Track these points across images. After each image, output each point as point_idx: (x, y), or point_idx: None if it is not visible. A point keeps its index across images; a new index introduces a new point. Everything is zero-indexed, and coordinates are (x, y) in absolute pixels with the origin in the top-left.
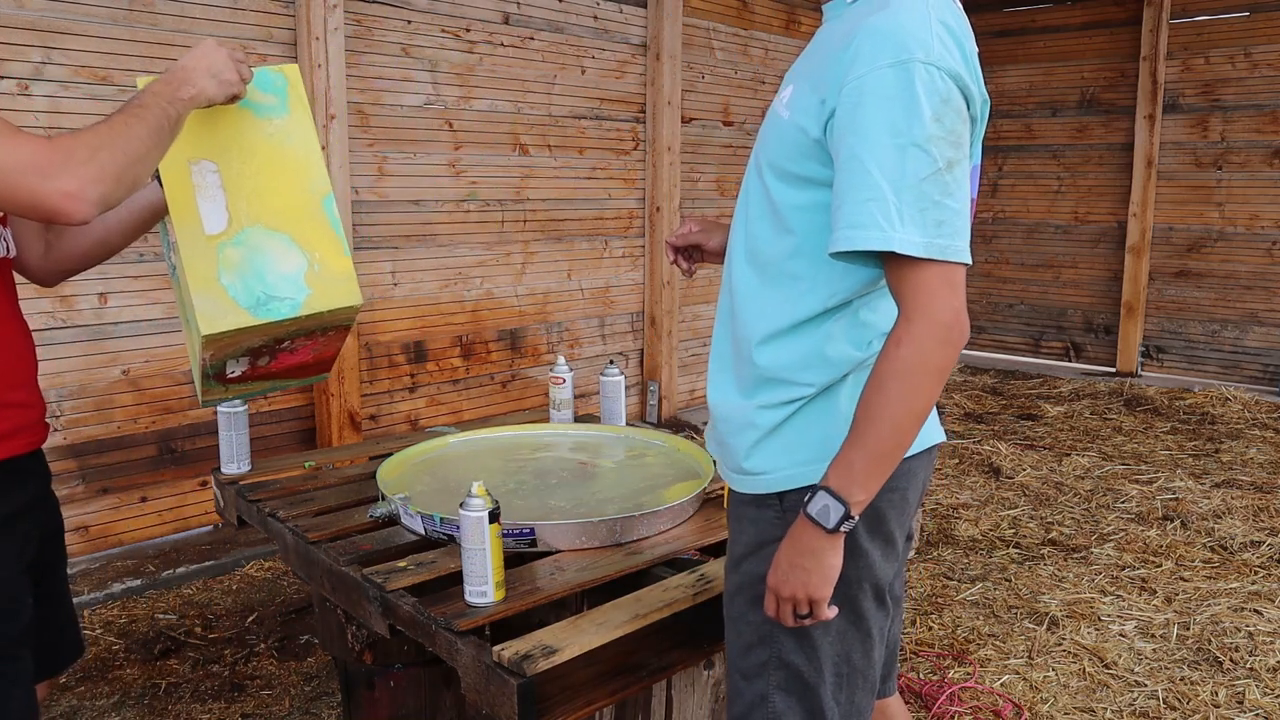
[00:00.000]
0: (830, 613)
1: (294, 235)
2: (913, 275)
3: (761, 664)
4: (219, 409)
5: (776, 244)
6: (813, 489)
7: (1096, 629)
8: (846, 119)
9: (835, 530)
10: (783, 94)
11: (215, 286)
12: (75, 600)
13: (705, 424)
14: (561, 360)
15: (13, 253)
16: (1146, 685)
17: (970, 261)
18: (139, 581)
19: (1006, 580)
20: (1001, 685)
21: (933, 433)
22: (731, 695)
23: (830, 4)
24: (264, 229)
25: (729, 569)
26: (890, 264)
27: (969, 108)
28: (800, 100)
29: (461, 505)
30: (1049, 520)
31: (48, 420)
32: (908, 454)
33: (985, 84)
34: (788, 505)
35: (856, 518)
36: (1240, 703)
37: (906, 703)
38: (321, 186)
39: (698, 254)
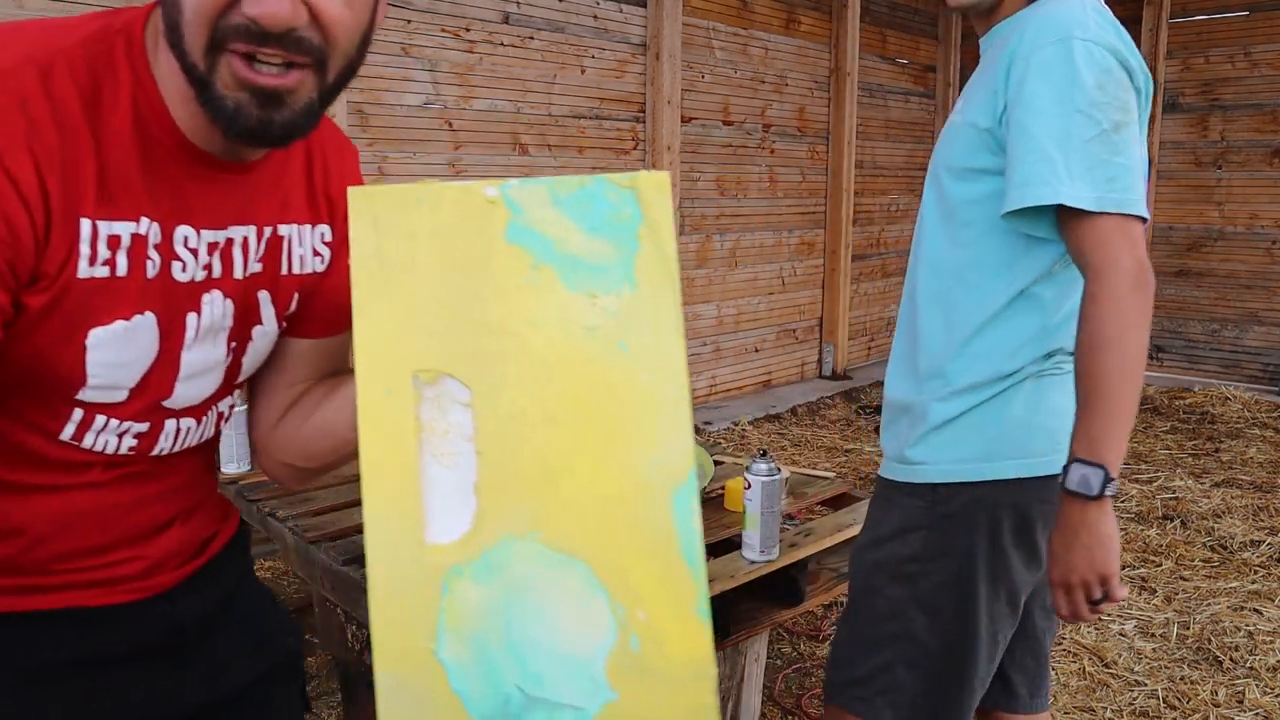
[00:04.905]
0: (1124, 591)
1: (599, 565)
2: (1091, 231)
3: (892, 635)
4: None
5: (955, 241)
6: (1064, 468)
7: (1096, 628)
8: (1014, 96)
9: (1101, 495)
10: (956, 107)
11: (425, 664)
12: None
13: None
14: None
15: (207, 435)
16: (1146, 685)
17: (1147, 216)
18: None
19: None
20: None
21: None
22: (849, 658)
23: (984, 38)
24: (543, 545)
25: (865, 546)
26: (1067, 224)
27: (1131, 80)
28: (970, 107)
29: None
30: None
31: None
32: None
33: None
34: (938, 498)
35: (1116, 479)
36: (1240, 702)
37: None
38: (677, 456)
39: None
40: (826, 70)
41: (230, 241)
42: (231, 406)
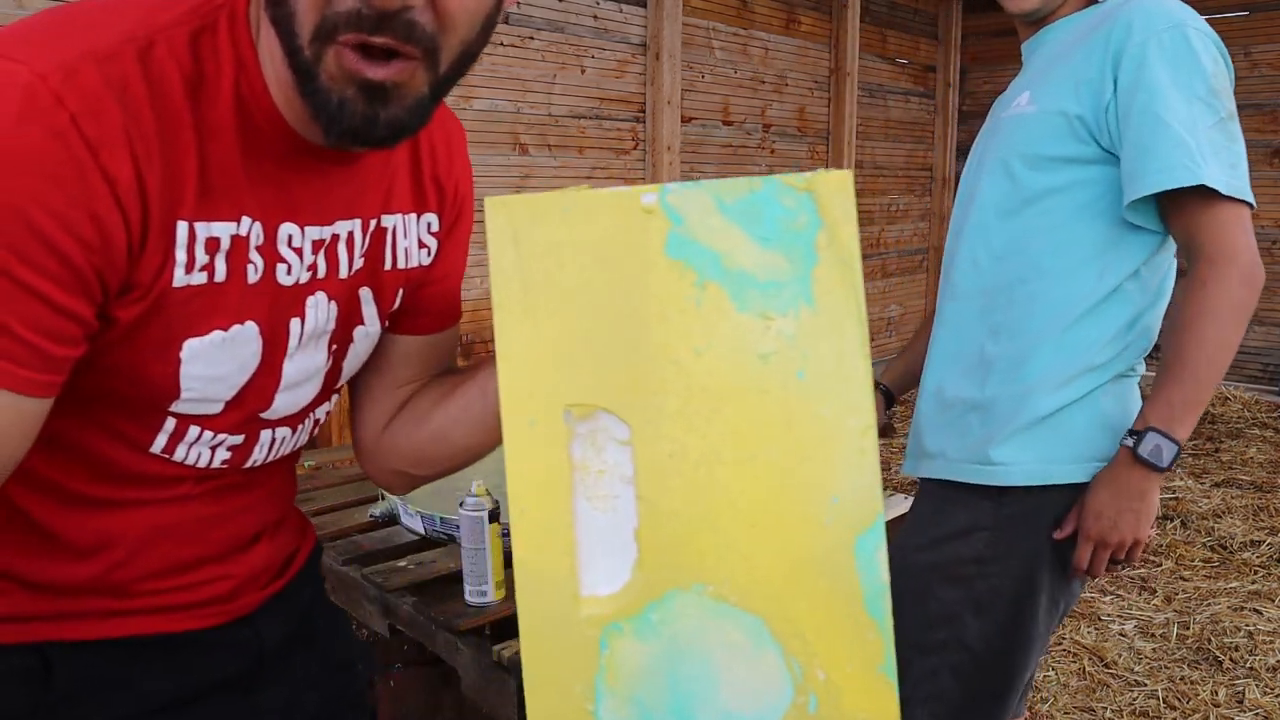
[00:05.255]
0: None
1: (773, 619)
2: (1211, 217)
3: (941, 642)
4: None
5: (1029, 229)
6: (1136, 433)
7: (1096, 628)
8: (1132, 81)
9: (1167, 469)
10: (1018, 101)
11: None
12: None
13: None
14: None
15: (300, 443)
16: (1146, 685)
17: (1255, 205)
18: None
19: None
20: None
21: None
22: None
23: (1029, 41)
24: (711, 599)
25: (917, 548)
26: (1187, 208)
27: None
28: (1048, 95)
29: (461, 505)
30: None
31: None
32: None
33: (986, 84)
34: (1007, 499)
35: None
36: (1240, 702)
37: None
38: (862, 498)
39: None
40: (826, 70)
41: (335, 238)
42: (328, 413)
